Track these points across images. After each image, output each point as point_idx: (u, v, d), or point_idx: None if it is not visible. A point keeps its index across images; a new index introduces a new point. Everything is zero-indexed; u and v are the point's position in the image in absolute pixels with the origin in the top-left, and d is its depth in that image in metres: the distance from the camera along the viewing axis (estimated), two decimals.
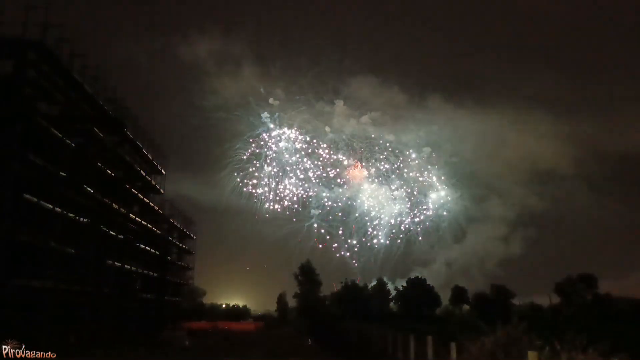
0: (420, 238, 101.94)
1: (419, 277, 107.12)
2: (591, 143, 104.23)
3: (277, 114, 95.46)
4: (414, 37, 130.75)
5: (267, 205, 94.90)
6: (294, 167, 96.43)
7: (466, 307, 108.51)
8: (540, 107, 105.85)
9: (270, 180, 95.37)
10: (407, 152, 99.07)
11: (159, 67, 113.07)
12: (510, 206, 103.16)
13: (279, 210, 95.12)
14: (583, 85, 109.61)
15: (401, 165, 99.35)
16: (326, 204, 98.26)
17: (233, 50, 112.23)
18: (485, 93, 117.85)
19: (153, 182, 51.15)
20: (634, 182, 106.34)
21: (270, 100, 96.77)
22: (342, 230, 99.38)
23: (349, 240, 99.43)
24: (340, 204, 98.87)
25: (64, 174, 30.88)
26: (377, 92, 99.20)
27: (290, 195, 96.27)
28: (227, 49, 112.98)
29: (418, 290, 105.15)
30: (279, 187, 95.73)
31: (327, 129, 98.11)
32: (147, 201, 49.62)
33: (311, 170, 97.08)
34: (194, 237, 68.74)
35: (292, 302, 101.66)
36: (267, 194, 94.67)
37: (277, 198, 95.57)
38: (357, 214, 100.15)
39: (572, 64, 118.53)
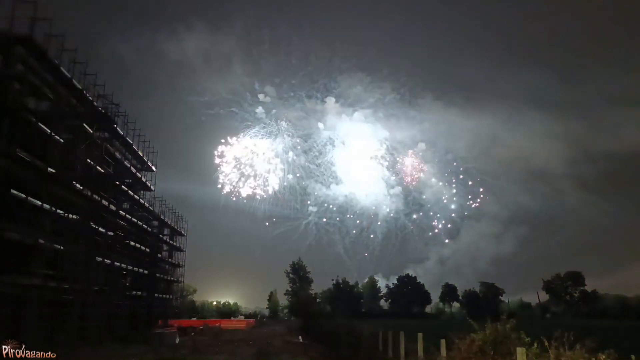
0: (415, 234, 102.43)
1: (410, 275, 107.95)
2: (582, 143, 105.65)
3: (273, 110, 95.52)
4: (401, 37, 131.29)
5: (261, 202, 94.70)
6: (291, 163, 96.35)
7: (456, 304, 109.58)
8: (531, 107, 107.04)
9: (266, 176, 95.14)
10: (402, 149, 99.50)
11: (147, 64, 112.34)
12: (504, 204, 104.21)
13: (276, 194, 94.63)
14: (574, 86, 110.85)
15: (396, 161, 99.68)
16: (323, 201, 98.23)
17: (222, 48, 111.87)
18: (475, 92, 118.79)
19: (143, 179, 50.80)
20: (623, 182, 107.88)
21: (261, 97, 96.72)
22: (338, 227, 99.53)
23: (345, 238, 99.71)
24: (336, 201, 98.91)
25: (52, 171, 30.58)
26: (368, 90, 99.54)
27: (286, 192, 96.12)
28: (215, 46, 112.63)
29: (408, 287, 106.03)
30: (274, 184, 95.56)
31: (321, 125, 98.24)
32: (138, 198, 49.33)
33: (307, 167, 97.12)
34: (185, 235, 68.49)
35: (283, 300, 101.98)
36: (262, 191, 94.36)
37: (273, 195, 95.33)
38: (353, 212, 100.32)
39: (563, 65, 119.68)
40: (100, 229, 39.54)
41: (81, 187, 34.85)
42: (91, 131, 36.82)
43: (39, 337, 27.07)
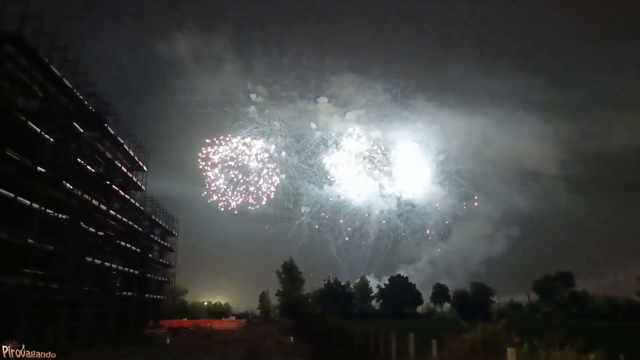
0: (407, 234, 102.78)
1: (401, 275, 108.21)
2: (573, 145, 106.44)
3: (266, 110, 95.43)
4: (392, 38, 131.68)
5: (251, 208, 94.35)
6: (284, 163, 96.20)
7: (447, 304, 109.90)
8: (523, 109, 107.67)
9: (259, 178, 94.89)
10: (395, 150, 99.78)
11: (138, 63, 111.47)
12: (496, 205, 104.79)
13: (268, 198, 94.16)
14: (565, 88, 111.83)
15: (389, 162, 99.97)
16: (316, 201, 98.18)
17: (213, 48, 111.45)
18: (467, 94, 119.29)
19: (134, 179, 50.52)
20: (613, 184, 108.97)
21: (253, 97, 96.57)
22: (331, 227, 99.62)
23: (338, 238, 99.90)
24: (329, 201, 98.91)
25: (42, 170, 30.32)
26: (360, 90, 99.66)
27: (279, 192, 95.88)
28: (207, 46, 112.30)
29: (400, 288, 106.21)
30: (266, 185, 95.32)
31: (313, 125, 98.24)
32: (128, 198, 49.02)
33: (300, 168, 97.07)
34: (176, 235, 68.17)
35: (274, 300, 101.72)
36: (252, 199, 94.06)
37: (265, 196, 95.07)
38: (347, 213, 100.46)
39: (554, 67, 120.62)
40: (91, 229, 39.25)
41: (71, 187, 34.57)
42: (82, 130, 36.53)
43: (29, 338, 26.82)
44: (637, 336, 39.80)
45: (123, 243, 48.09)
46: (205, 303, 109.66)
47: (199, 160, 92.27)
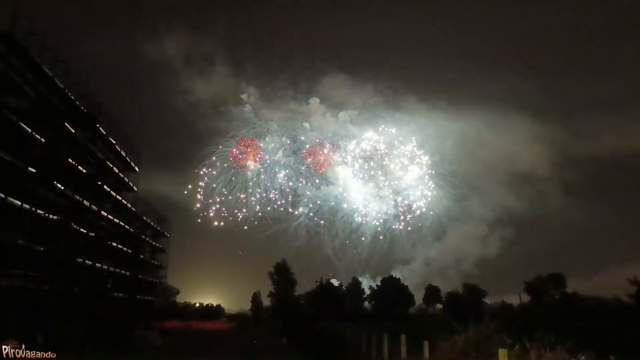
0: (403, 235, 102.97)
1: (395, 276, 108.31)
2: (565, 147, 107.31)
3: (263, 110, 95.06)
4: (383, 40, 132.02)
5: (247, 203, 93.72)
6: (279, 164, 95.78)
7: (439, 306, 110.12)
8: (516, 110, 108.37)
9: (256, 178, 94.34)
10: (391, 150, 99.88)
11: (130, 64, 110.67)
12: (491, 206, 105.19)
13: (268, 197, 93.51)
14: (558, 91, 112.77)
15: (384, 162, 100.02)
16: (313, 202, 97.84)
17: (204, 50, 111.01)
18: (460, 96, 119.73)
19: (126, 179, 50.23)
20: (606, 186, 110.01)
21: (244, 98, 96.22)
22: (328, 228, 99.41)
23: (335, 239, 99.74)
24: (327, 202, 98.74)
25: (33, 170, 30.07)
26: (351, 92, 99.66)
27: (277, 194, 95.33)
28: (197, 48, 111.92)
29: (392, 289, 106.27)
30: (265, 185, 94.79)
31: (307, 125, 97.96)
32: (120, 198, 48.72)
33: (297, 168, 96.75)
34: (168, 236, 67.80)
35: (266, 302, 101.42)
36: (250, 194, 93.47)
37: (262, 197, 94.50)
38: (343, 213, 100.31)
39: (547, 70, 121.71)
40: (82, 230, 38.96)
41: (62, 187, 34.32)
42: (73, 130, 36.28)
43: (18, 339, 26.56)
44: (626, 337, 40.13)
45: (114, 244, 47.79)
46: (197, 304, 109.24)
47: (199, 172, 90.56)
